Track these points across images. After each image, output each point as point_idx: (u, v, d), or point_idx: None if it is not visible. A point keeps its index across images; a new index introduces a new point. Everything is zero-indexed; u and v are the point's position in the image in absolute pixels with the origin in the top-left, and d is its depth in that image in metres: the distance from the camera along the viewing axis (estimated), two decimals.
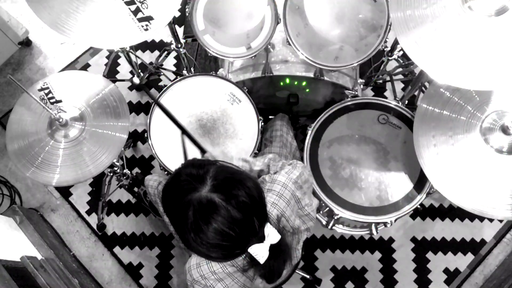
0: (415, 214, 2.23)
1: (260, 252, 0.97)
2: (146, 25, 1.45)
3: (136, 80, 2.22)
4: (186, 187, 0.96)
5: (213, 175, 0.96)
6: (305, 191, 1.25)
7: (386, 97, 2.37)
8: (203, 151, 1.45)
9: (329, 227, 1.80)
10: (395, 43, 1.91)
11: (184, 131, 1.47)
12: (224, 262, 1.07)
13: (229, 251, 0.97)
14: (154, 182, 1.73)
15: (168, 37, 2.57)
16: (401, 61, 2.09)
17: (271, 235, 0.99)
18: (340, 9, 1.60)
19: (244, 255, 1.02)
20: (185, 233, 0.95)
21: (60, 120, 1.51)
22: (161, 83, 2.46)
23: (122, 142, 1.57)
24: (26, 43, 2.56)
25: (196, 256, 1.13)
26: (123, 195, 2.30)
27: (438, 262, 2.17)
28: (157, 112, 1.72)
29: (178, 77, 1.79)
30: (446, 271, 2.16)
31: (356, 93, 1.79)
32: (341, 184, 1.66)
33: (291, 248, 1.24)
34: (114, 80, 2.41)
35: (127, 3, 1.45)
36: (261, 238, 0.97)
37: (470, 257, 2.17)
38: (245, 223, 0.94)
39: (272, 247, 0.99)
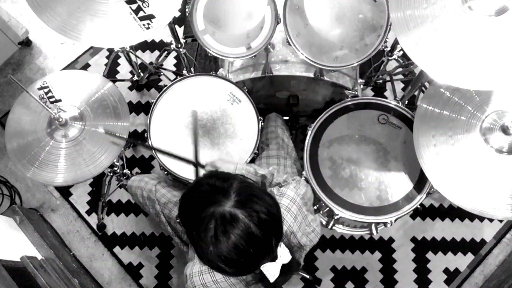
0: (415, 214, 2.23)
1: (272, 271, 0.97)
2: (148, 24, 1.45)
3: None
4: (209, 199, 0.96)
5: (237, 190, 0.97)
6: (308, 208, 1.27)
7: (386, 97, 2.37)
8: (202, 167, 1.49)
9: (329, 227, 1.80)
10: (395, 43, 1.91)
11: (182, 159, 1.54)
12: (236, 276, 1.07)
13: (244, 267, 0.97)
14: (151, 179, 1.73)
15: (168, 37, 2.57)
16: (401, 61, 2.09)
17: (284, 255, 0.99)
18: (340, 9, 1.60)
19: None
20: (203, 245, 0.95)
21: (60, 120, 1.51)
22: (161, 83, 2.47)
23: (122, 142, 1.57)
24: (26, 43, 2.56)
25: (198, 263, 1.13)
26: (123, 195, 2.30)
27: (438, 262, 2.17)
28: (157, 112, 1.72)
29: (178, 77, 1.79)
30: (446, 271, 2.16)
31: (356, 93, 1.79)
32: (341, 184, 1.66)
33: (298, 264, 1.24)
34: (114, 80, 2.41)
35: (128, 2, 1.45)
36: (274, 258, 0.98)
37: (470, 257, 2.17)
38: (264, 241, 0.95)
39: (283, 266, 0.99)
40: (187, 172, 1.65)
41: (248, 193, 0.98)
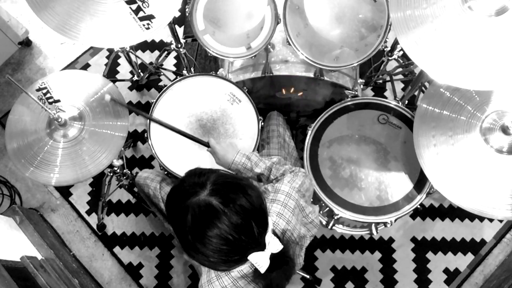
0: (415, 214, 2.23)
1: (260, 260, 0.96)
2: (148, 24, 1.45)
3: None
4: (187, 192, 0.97)
5: (213, 181, 0.97)
6: (306, 199, 1.25)
7: (386, 97, 2.37)
8: (206, 145, 1.43)
9: (329, 227, 1.80)
10: (395, 43, 1.91)
11: (183, 134, 1.46)
12: (227, 270, 1.06)
13: (228, 257, 0.96)
14: (156, 176, 1.74)
15: (168, 37, 2.57)
16: (401, 61, 2.09)
17: (272, 243, 0.98)
18: (340, 9, 1.60)
19: (250, 264, 1.02)
20: (185, 238, 0.95)
21: (59, 120, 1.51)
22: (161, 83, 2.47)
23: (122, 142, 1.57)
24: (26, 43, 2.56)
25: (205, 273, 1.12)
26: (123, 195, 2.30)
27: (438, 262, 2.17)
28: (157, 112, 1.71)
29: (178, 77, 1.79)
30: (446, 271, 2.16)
31: (356, 93, 1.79)
32: (341, 184, 1.66)
33: (295, 258, 1.23)
34: (114, 80, 2.41)
35: (128, 2, 1.45)
36: (261, 246, 0.97)
37: (470, 257, 2.17)
38: (244, 228, 0.94)
39: (274, 258, 0.98)
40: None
41: (223, 181, 0.98)
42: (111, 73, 2.48)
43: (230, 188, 0.97)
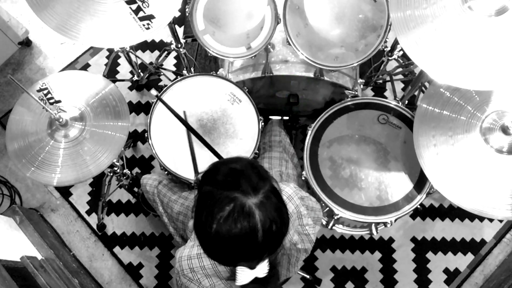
0: (415, 214, 2.23)
1: (242, 276, 0.97)
2: (148, 24, 1.45)
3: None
4: (240, 184, 0.95)
5: (266, 193, 0.95)
6: (311, 216, 1.25)
7: (386, 97, 2.37)
8: (218, 156, 1.46)
9: (329, 227, 1.80)
10: (395, 43, 1.91)
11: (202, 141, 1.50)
12: (210, 258, 1.08)
13: (227, 255, 0.97)
14: (153, 181, 1.74)
15: (168, 37, 2.57)
16: (401, 61, 2.09)
17: (261, 269, 0.99)
18: (340, 9, 1.61)
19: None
20: (208, 216, 0.93)
21: (60, 120, 1.51)
22: (161, 83, 2.47)
23: (122, 142, 1.57)
24: (26, 43, 2.56)
25: (188, 248, 1.13)
26: (123, 195, 2.30)
27: (438, 262, 2.17)
28: (157, 112, 1.71)
29: (178, 77, 1.79)
30: (446, 271, 2.16)
31: (356, 93, 1.79)
32: (341, 184, 1.66)
33: (285, 269, 1.24)
34: (114, 80, 2.41)
35: (128, 2, 1.45)
36: (252, 266, 0.98)
37: (470, 257, 2.17)
38: (258, 248, 0.94)
39: (256, 278, 0.99)
40: (187, 172, 1.65)
41: (274, 201, 0.97)
42: (111, 73, 2.48)
43: (276, 210, 0.96)
